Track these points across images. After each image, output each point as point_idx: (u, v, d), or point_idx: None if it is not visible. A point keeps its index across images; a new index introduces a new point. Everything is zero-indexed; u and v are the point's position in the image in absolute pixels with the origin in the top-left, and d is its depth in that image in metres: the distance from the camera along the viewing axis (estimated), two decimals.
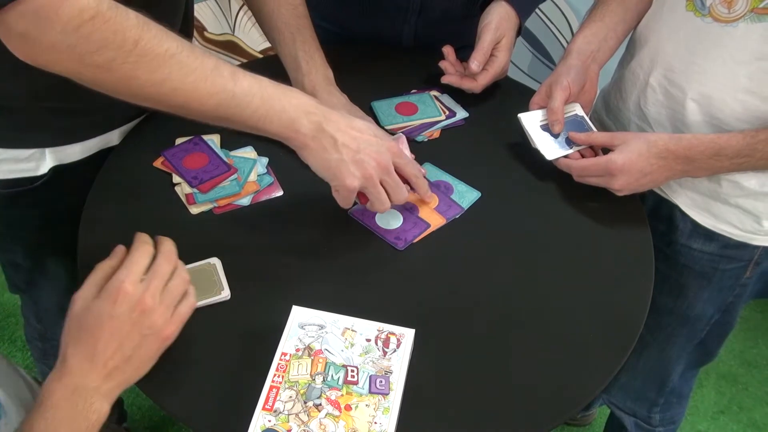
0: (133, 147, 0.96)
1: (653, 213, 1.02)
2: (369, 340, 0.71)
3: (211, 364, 0.72)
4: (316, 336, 0.71)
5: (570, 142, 0.94)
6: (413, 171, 0.82)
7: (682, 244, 1.02)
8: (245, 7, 2.09)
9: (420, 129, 1.02)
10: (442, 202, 0.91)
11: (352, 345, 0.71)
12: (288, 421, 0.64)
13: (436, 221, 0.88)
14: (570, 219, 0.91)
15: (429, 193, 0.87)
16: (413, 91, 1.09)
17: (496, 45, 1.03)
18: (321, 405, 0.66)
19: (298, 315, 0.73)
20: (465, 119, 1.05)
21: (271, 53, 1.03)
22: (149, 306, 0.62)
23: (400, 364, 0.69)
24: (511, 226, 0.90)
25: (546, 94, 0.95)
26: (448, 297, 0.80)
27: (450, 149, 0.99)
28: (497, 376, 0.73)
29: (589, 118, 0.97)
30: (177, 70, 0.67)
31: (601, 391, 0.77)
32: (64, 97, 0.77)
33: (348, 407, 0.66)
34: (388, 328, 0.72)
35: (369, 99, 1.05)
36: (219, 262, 0.80)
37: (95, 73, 0.65)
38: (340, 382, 0.67)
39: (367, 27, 1.20)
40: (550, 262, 0.85)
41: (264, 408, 0.65)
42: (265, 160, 0.93)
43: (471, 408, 0.70)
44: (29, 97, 0.85)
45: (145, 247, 0.66)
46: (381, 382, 0.68)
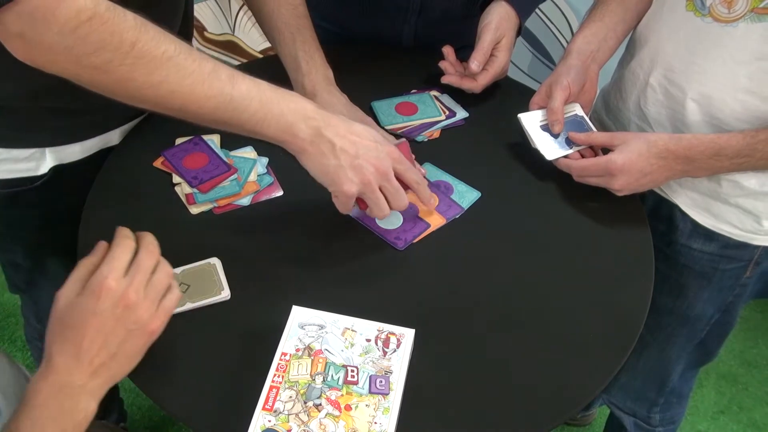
0: (133, 147, 0.96)
1: (653, 213, 1.02)
2: (369, 340, 0.71)
3: (211, 364, 0.72)
4: (316, 336, 0.71)
5: (570, 142, 0.94)
6: (414, 177, 0.81)
7: (682, 244, 1.02)
8: (245, 7, 2.09)
9: (420, 129, 1.02)
10: (442, 202, 0.91)
11: (352, 345, 0.71)
12: (288, 421, 0.64)
13: (436, 221, 0.88)
14: (570, 219, 0.91)
15: (431, 200, 0.86)
16: (413, 91, 1.09)
17: (496, 45, 1.03)
18: (321, 405, 0.66)
19: (298, 315, 0.73)
20: (465, 119, 1.05)
21: (271, 53, 1.03)
22: (133, 301, 0.61)
23: (400, 364, 0.69)
24: (511, 226, 0.90)
25: (546, 94, 0.95)
26: (448, 297, 0.80)
27: (450, 149, 0.99)
28: (497, 376, 0.73)
29: (589, 118, 0.97)
30: (174, 73, 0.67)
31: (601, 391, 0.77)
32: (64, 96, 0.77)
33: (348, 407, 0.66)
34: (388, 328, 0.72)
35: (369, 99, 1.05)
36: (219, 262, 0.80)
37: (92, 74, 0.65)
38: (340, 382, 0.67)
39: (367, 27, 1.20)
40: (550, 262, 0.85)
41: (264, 408, 0.65)
42: (265, 160, 0.93)
43: (471, 408, 0.70)
44: (29, 97, 0.84)
45: (127, 241, 0.65)
46: (381, 382, 0.68)
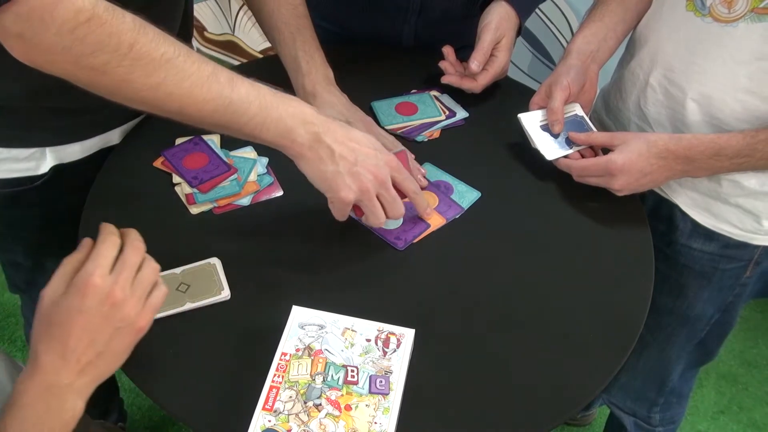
0: (133, 147, 0.96)
1: (653, 213, 1.02)
2: (369, 340, 0.71)
3: (211, 364, 0.72)
4: (316, 336, 0.71)
5: (570, 142, 0.94)
6: (411, 187, 0.81)
7: (682, 243, 1.02)
8: (245, 7, 2.09)
9: (420, 129, 1.02)
10: (442, 202, 0.91)
11: (352, 345, 0.71)
12: (288, 421, 0.64)
13: (436, 221, 0.88)
14: (570, 219, 0.91)
15: (428, 210, 0.86)
16: (413, 91, 1.09)
17: (496, 45, 1.03)
18: (321, 405, 0.66)
19: (298, 315, 0.73)
20: (465, 119, 1.05)
21: (271, 53, 1.03)
22: (120, 298, 0.60)
23: (400, 364, 0.69)
24: (511, 226, 0.90)
25: (546, 94, 0.95)
26: (448, 297, 0.81)
27: (450, 149, 0.99)
28: (497, 376, 0.73)
29: (589, 118, 0.97)
30: (173, 75, 0.66)
31: (601, 391, 0.77)
32: (64, 96, 0.77)
33: (348, 407, 0.66)
34: (388, 328, 0.72)
35: (369, 99, 1.05)
36: (219, 262, 0.80)
37: (90, 75, 0.65)
38: (340, 382, 0.67)
39: (367, 27, 1.20)
40: (550, 262, 0.85)
41: (264, 408, 0.65)
42: (265, 160, 0.93)
43: (471, 408, 0.70)
44: (29, 97, 0.85)
45: (112, 238, 0.64)
46: (381, 382, 0.68)
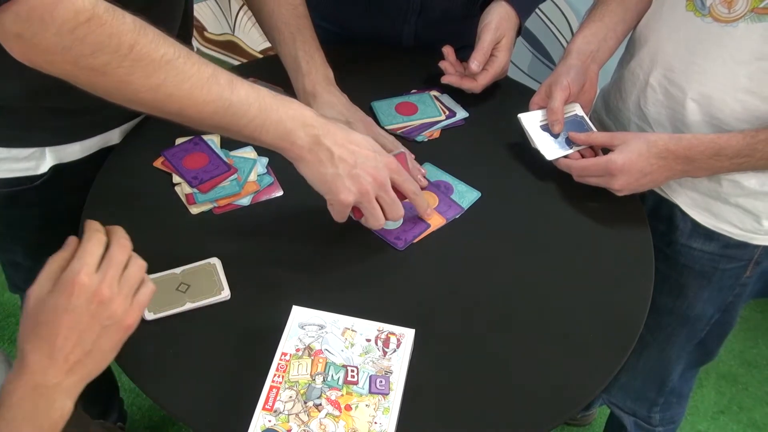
0: (133, 147, 0.96)
1: (653, 213, 1.02)
2: (369, 340, 0.71)
3: (211, 364, 0.72)
4: (316, 336, 0.71)
5: (570, 142, 0.94)
6: (411, 188, 0.81)
7: (682, 243, 1.02)
8: (245, 7, 2.09)
9: (420, 129, 1.02)
10: (442, 202, 0.91)
11: (352, 345, 0.71)
12: (288, 421, 0.64)
13: (436, 221, 0.88)
14: (570, 219, 0.91)
15: (428, 211, 0.86)
16: (413, 91, 1.09)
17: (496, 45, 1.03)
18: (321, 405, 0.66)
19: (298, 315, 0.73)
20: (465, 119, 1.05)
21: (271, 53, 1.03)
22: (107, 296, 0.60)
23: (400, 364, 0.69)
24: (511, 226, 0.90)
25: (546, 94, 0.95)
26: (448, 297, 0.80)
27: (450, 149, 0.99)
28: (497, 376, 0.73)
29: (589, 118, 0.97)
30: (173, 76, 0.66)
31: (601, 391, 0.77)
32: (64, 96, 0.77)
33: (348, 407, 0.66)
34: (388, 328, 0.72)
35: (369, 99, 1.05)
36: (219, 262, 0.80)
37: (90, 76, 0.64)
38: (340, 382, 0.67)
39: (367, 27, 1.20)
40: (550, 262, 0.85)
41: (264, 408, 0.65)
42: (265, 160, 0.93)
43: (471, 408, 0.70)
44: (28, 97, 0.84)
45: (98, 235, 0.63)
46: (381, 382, 0.68)
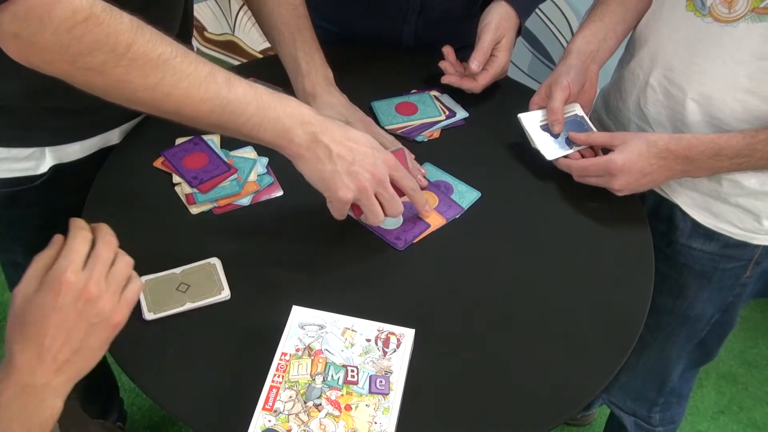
0: (133, 147, 0.96)
1: (653, 213, 1.02)
2: (369, 340, 0.71)
3: (211, 364, 0.72)
4: (316, 336, 0.71)
5: (570, 142, 0.94)
6: (410, 184, 0.81)
7: (682, 243, 1.02)
8: (245, 7, 2.09)
9: (420, 129, 1.02)
10: (442, 202, 0.91)
11: (352, 345, 0.71)
12: (288, 421, 0.64)
13: (436, 221, 0.88)
14: (570, 219, 0.91)
15: (426, 207, 0.86)
16: (413, 91, 1.09)
17: (496, 45, 1.03)
18: (321, 405, 0.66)
19: (298, 315, 0.73)
20: (465, 119, 1.05)
21: (271, 53, 1.03)
22: (94, 294, 0.59)
23: (400, 364, 0.69)
24: (511, 226, 0.90)
25: (546, 94, 0.95)
26: (448, 297, 0.80)
27: (450, 149, 0.99)
28: (497, 376, 0.73)
29: (589, 118, 0.97)
30: (170, 75, 0.66)
31: (601, 391, 0.77)
32: (63, 96, 0.77)
33: (348, 407, 0.66)
34: (388, 328, 0.72)
35: (369, 99, 1.05)
36: (219, 262, 0.80)
37: (87, 75, 0.64)
38: (340, 382, 0.67)
39: (367, 27, 1.20)
40: (550, 262, 0.85)
41: (264, 408, 0.65)
42: (265, 160, 0.93)
43: (471, 408, 0.70)
44: (28, 97, 0.84)
45: (83, 233, 0.63)
46: (381, 382, 0.68)
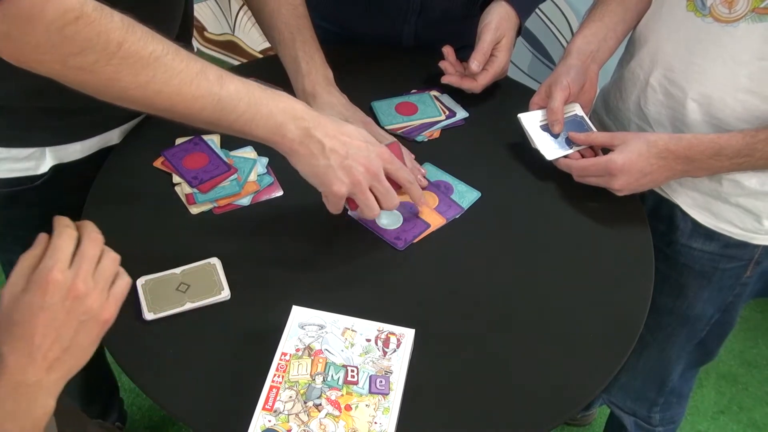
0: (133, 147, 0.96)
1: (653, 213, 1.02)
2: (369, 340, 0.71)
3: (211, 364, 0.72)
4: (316, 336, 0.71)
5: (570, 142, 0.94)
6: (405, 176, 0.81)
7: (682, 243, 1.02)
8: (245, 7, 2.09)
9: (420, 129, 1.02)
10: (442, 202, 0.91)
11: (352, 345, 0.71)
12: (288, 421, 0.64)
13: (436, 221, 0.88)
14: (570, 219, 0.91)
15: (422, 199, 0.86)
16: (413, 91, 1.09)
17: (496, 45, 1.03)
18: (321, 405, 0.66)
19: (298, 315, 0.73)
20: (465, 119, 1.05)
21: (271, 53, 1.03)
22: (82, 291, 0.59)
23: (400, 364, 0.69)
24: (511, 226, 0.90)
25: (546, 94, 0.95)
26: (448, 297, 0.80)
27: (450, 149, 0.99)
28: (497, 376, 0.73)
29: (589, 118, 0.97)
30: (161, 73, 0.66)
31: (601, 391, 0.77)
32: (63, 96, 0.77)
33: (348, 407, 0.66)
34: (388, 328, 0.72)
35: (369, 99, 1.05)
36: (219, 262, 0.80)
37: (78, 74, 0.64)
38: (340, 382, 0.67)
39: (367, 27, 1.20)
40: (550, 262, 0.85)
41: (264, 408, 0.65)
42: (265, 160, 0.93)
43: (471, 408, 0.70)
44: (27, 97, 0.84)
45: (68, 231, 0.63)
46: (381, 382, 0.68)
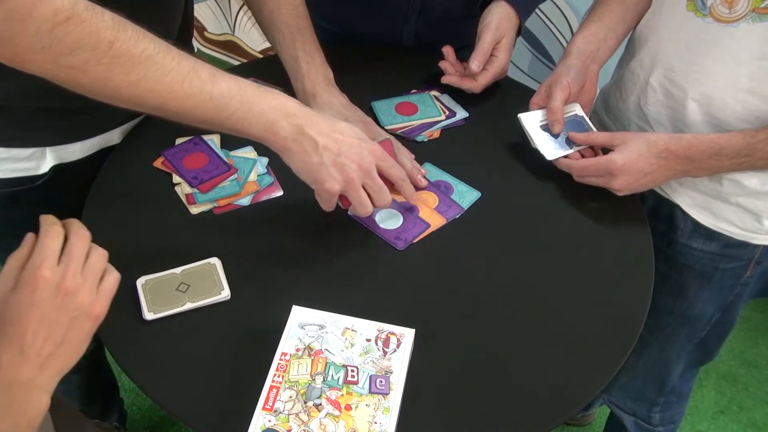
0: (133, 147, 0.96)
1: (653, 213, 1.02)
2: (369, 340, 0.71)
3: (211, 364, 0.72)
4: (316, 336, 0.71)
5: (570, 142, 0.94)
6: (397, 174, 0.82)
7: (682, 243, 1.02)
8: (245, 7, 2.09)
9: (420, 129, 1.02)
10: (442, 202, 0.91)
11: (352, 345, 0.71)
12: (288, 421, 0.64)
13: (436, 221, 0.88)
14: (570, 219, 0.91)
15: (414, 196, 0.86)
16: (413, 91, 1.09)
17: (496, 45, 1.03)
18: (321, 405, 0.66)
19: (298, 315, 0.73)
20: (465, 119, 1.05)
21: (271, 53, 1.03)
22: (72, 288, 0.59)
23: (400, 364, 0.69)
24: (511, 226, 0.90)
25: (546, 94, 0.95)
26: (448, 297, 0.81)
27: (450, 149, 0.99)
28: (497, 376, 0.73)
29: (589, 118, 0.97)
30: (153, 71, 0.66)
31: (601, 391, 0.77)
32: (63, 96, 0.78)
33: (348, 407, 0.66)
34: (388, 328, 0.72)
35: (369, 99, 1.05)
36: (219, 262, 0.80)
37: (70, 74, 0.64)
38: (340, 382, 0.67)
39: (367, 27, 1.20)
40: (550, 262, 0.85)
41: (264, 408, 0.65)
42: (265, 160, 0.93)
43: (471, 408, 0.70)
44: (27, 97, 0.84)
45: (55, 228, 0.62)
46: (381, 382, 0.68)
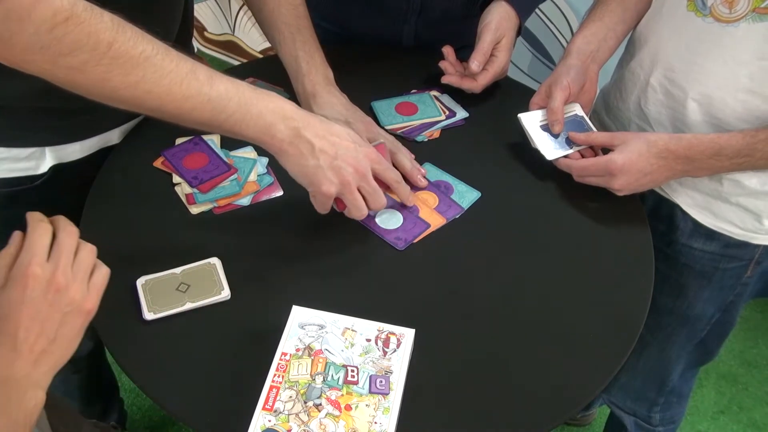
0: (133, 147, 0.96)
1: (653, 213, 1.02)
2: (369, 340, 0.71)
3: (211, 364, 0.72)
4: (316, 336, 0.71)
5: (570, 142, 0.94)
6: (392, 176, 0.83)
7: (682, 243, 1.02)
8: (245, 7, 2.09)
9: (420, 129, 1.02)
10: (442, 202, 0.91)
11: (352, 345, 0.71)
12: (288, 421, 0.64)
13: (436, 221, 0.88)
14: (570, 219, 0.91)
15: (410, 198, 0.87)
16: (413, 91, 1.09)
17: (496, 45, 1.03)
18: (321, 405, 0.66)
19: (298, 315, 0.73)
20: (465, 119, 1.05)
21: (271, 53, 1.03)
22: (63, 284, 0.59)
23: (400, 364, 0.69)
24: (511, 226, 0.90)
25: (546, 94, 0.95)
26: (448, 297, 0.81)
27: (450, 149, 0.99)
28: (497, 376, 0.73)
29: (589, 118, 0.97)
30: (151, 73, 0.67)
31: (601, 391, 0.77)
32: (63, 96, 0.78)
33: (348, 407, 0.66)
34: (388, 328, 0.72)
35: (369, 99, 1.05)
36: (219, 262, 0.80)
37: (68, 74, 0.65)
38: (340, 382, 0.67)
39: (367, 27, 1.20)
40: (550, 262, 0.85)
41: (264, 408, 0.65)
42: (265, 160, 0.93)
43: (471, 408, 0.70)
44: (27, 97, 0.84)
45: (42, 225, 0.63)
46: (381, 382, 0.68)
